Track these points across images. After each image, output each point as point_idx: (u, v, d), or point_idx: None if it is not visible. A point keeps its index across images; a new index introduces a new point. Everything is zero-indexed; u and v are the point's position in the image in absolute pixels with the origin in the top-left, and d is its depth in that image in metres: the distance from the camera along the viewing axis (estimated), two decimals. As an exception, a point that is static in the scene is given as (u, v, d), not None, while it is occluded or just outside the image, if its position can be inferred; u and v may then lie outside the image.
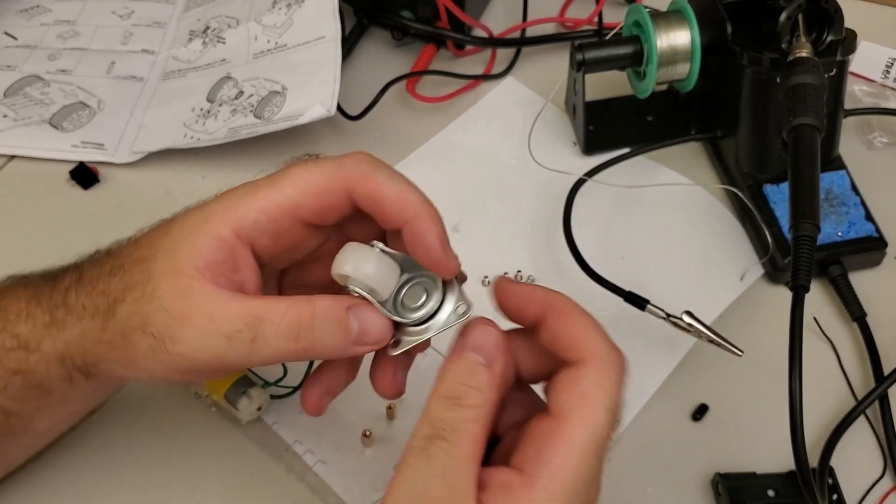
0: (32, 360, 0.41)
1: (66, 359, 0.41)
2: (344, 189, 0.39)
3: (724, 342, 0.51)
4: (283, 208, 0.39)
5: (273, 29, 0.71)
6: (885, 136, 0.67)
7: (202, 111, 0.69)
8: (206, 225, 0.38)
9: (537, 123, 0.66)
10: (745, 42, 0.59)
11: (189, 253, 0.38)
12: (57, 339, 0.40)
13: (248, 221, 0.38)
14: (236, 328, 0.37)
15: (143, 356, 0.38)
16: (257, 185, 0.39)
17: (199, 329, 0.37)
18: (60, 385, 0.42)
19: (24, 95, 0.71)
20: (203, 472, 0.50)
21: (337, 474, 0.50)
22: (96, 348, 0.40)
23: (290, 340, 0.37)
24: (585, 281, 0.56)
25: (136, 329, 0.38)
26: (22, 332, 0.41)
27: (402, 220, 0.38)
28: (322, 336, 0.37)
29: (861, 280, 0.58)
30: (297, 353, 0.38)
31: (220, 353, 0.37)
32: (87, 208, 0.65)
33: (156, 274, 0.38)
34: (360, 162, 0.39)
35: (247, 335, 0.37)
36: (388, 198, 0.38)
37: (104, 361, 0.40)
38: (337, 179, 0.39)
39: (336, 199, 0.39)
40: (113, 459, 0.50)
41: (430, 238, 0.38)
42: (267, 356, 0.38)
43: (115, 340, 0.39)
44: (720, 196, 0.64)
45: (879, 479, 0.51)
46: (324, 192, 0.39)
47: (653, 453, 0.52)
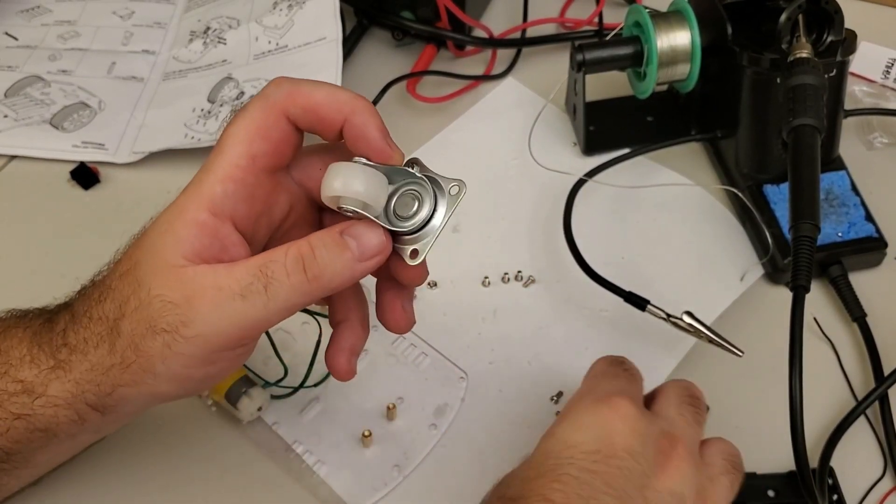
0: (38, 405, 0.40)
1: (78, 399, 0.40)
2: (281, 115, 0.39)
3: (725, 342, 0.51)
4: (241, 166, 0.38)
5: (274, 30, 0.71)
6: (885, 137, 0.67)
7: (203, 112, 0.69)
8: (181, 216, 0.38)
9: (537, 124, 0.66)
10: (745, 42, 0.59)
11: (173, 246, 0.38)
12: (65, 381, 0.40)
13: (217, 195, 0.38)
14: (246, 282, 0.37)
15: (159, 358, 0.38)
16: (209, 159, 0.39)
17: (210, 302, 0.37)
18: (68, 427, 0.41)
19: (24, 96, 0.71)
20: (203, 472, 0.51)
21: (337, 474, 0.50)
22: (108, 376, 0.39)
23: (300, 273, 0.37)
24: (586, 281, 0.56)
25: (144, 335, 0.38)
26: (26, 377, 0.40)
27: (340, 119, 0.39)
28: (326, 262, 0.37)
29: (861, 280, 0.58)
30: (310, 286, 0.37)
31: (238, 317, 0.37)
32: (87, 208, 0.65)
33: (144, 277, 0.38)
34: (280, 84, 0.39)
35: (259, 285, 0.37)
36: (319, 102, 0.38)
37: (120, 388, 0.39)
38: (271, 111, 0.39)
39: (280, 132, 0.39)
40: (113, 459, 0.50)
41: (369, 129, 0.39)
42: (283, 299, 0.37)
43: (127, 357, 0.38)
44: (720, 196, 0.64)
45: (879, 479, 0.51)
46: (265, 129, 0.39)
47: (653, 453, 0.52)
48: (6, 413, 0.41)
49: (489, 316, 0.58)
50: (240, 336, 0.38)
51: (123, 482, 0.50)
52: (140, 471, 0.50)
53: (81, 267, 0.60)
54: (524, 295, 0.59)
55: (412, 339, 0.56)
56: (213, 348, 0.38)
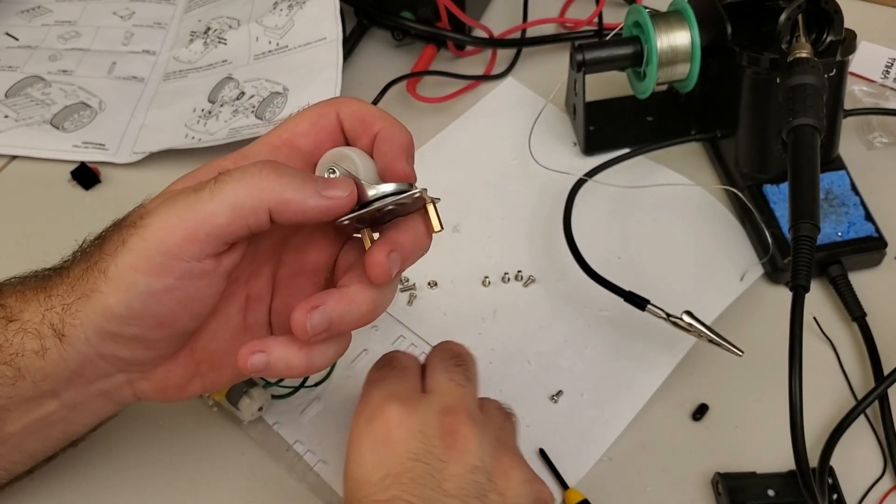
0: (10, 331, 0.40)
1: (45, 319, 0.39)
2: (333, 111, 0.43)
3: (724, 342, 0.51)
4: (282, 137, 0.42)
5: (274, 30, 0.71)
6: (884, 137, 0.67)
7: (203, 112, 0.69)
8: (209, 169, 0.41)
9: (537, 124, 0.66)
10: (744, 42, 0.59)
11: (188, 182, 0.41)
12: (42, 301, 0.40)
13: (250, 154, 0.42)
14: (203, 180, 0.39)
15: (112, 256, 0.38)
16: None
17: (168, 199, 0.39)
18: (32, 361, 0.40)
19: (25, 96, 0.71)
20: (204, 471, 0.51)
21: (337, 474, 0.50)
22: (75, 289, 0.39)
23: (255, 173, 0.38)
24: (586, 281, 0.56)
25: (112, 233, 0.39)
26: (8, 302, 0.41)
27: (377, 127, 0.42)
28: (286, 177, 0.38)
29: (861, 280, 0.58)
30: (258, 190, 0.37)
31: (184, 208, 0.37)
32: (88, 208, 0.65)
33: (151, 203, 0.40)
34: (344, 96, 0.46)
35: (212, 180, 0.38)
36: (369, 111, 0.42)
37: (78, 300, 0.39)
38: (327, 105, 0.43)
39: (326, 120, 0.42)
40: (114, 459, 0.51)
41: (397, 139, 0.41)
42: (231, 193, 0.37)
43: (92, 259, 0.39)
44: (720, 196, 0.64)
45: (879, 478, 0.51)
46: (316, 116, 0.43)
47: (653, 453, 0.52)
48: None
49: (489, 316, 0.58)
50: (185, 232, 0.37)
51: (124, 482, 0.50)
52: (141, 471, 0.50)
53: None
54: (524, 295, 0.59)
55: (412, 339, 0.56)
56: (159, 247, 0.37)
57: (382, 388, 0.44)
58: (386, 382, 0.44)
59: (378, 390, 0.43)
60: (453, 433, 0.41)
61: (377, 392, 0.43)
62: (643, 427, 0.53)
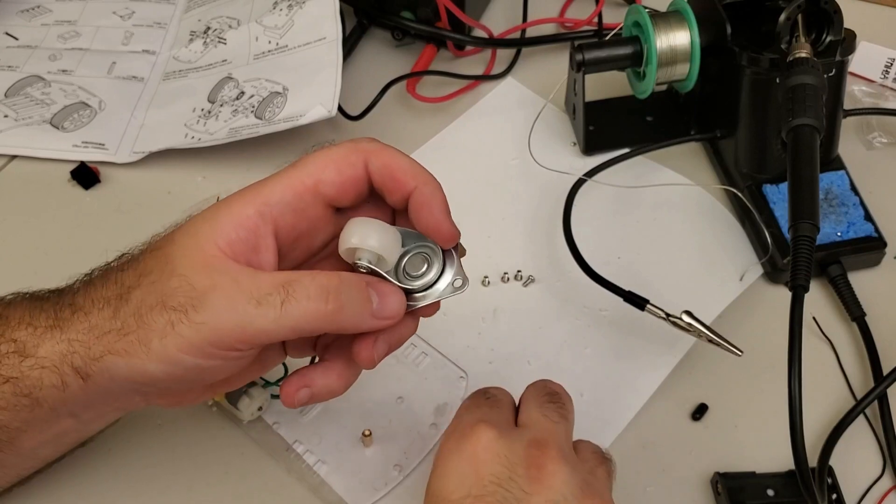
0: (26, 366, 0.40)
1: (65, 361, 0.40)
2: (361, 160, 0.41)
3: (724, 342, 0.51)
4: (306, 183, 0.40)
5: (274, 30, 0.71)
6: (884, 137, 0.68)
7: (203, 111, 0.69)
8: (228, 207, 0.40)
9: (537, 123, 0.66)
10: (744, 42, 0.59)
11: (210, 232, 0.39)
12: (58, 340, 0.40)
13: (273, 198, 0.40)
14: (266, 291, 0.38)
15: (158, 334, 0.38)
16: (280, 171, 0.41)
17: (225, 295, 0.37)
18: (52, 393, 0.41)
19: (25, 95, 0.71)
20: (204, 471, 0.51)
21: (337, 474, 0.50)
22: (102, 341, 0.39)
23: (320, 301, 0.38)
24: (585, 281, 0.56)
25: (153, 307, 0.38)
26: (20, 336, 0.41)
27: (412, 186, 0.41)
28: (346, 303, 0.39)
29: (860, 280, 0.58)
30: (325, 315, 0.38)
31: (246, 320, 0.37)
32: (88, 208, 0.65)
33: (174, 256, 0.39)
34: (372, 140, 0.42)
35: (277, 298, 0.37)
36: (400, 165, 0.41)
37: (108, 355, 0.39)
38: (355, 153, 0.41)
39: (354, 171, 0.41)
40: (114, 459, 0.51)
41: (435, 201, 0.41)
42: (296, 319, 0.38)
43: (128, 325, 0.38)
44: (720, 196, 0.64)
45: (879, 478, 0.51)
46: (343, 164, 0.41)
47: (652, 453, 0.52)
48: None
49: (489, 316, 0.58)
50: (241, 339, 0.38)
51: (124, 482, 0.50)
52: (141, 471, 0.50)
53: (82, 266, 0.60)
54: (524, 295, 0.59)
55: (412, 339, 0.56)
56: (213, 341, 0.38)
57: (476, 412, 0.44)
58: (480, 409, 0.44)
59: (471, 414, 0.44)
60: (539, 466, 0.40)
61: (469, 416, 0.43)
62: (643, 427, 0.53)
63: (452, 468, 0.41)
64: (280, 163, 0.67)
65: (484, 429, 0.41)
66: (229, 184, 0.63)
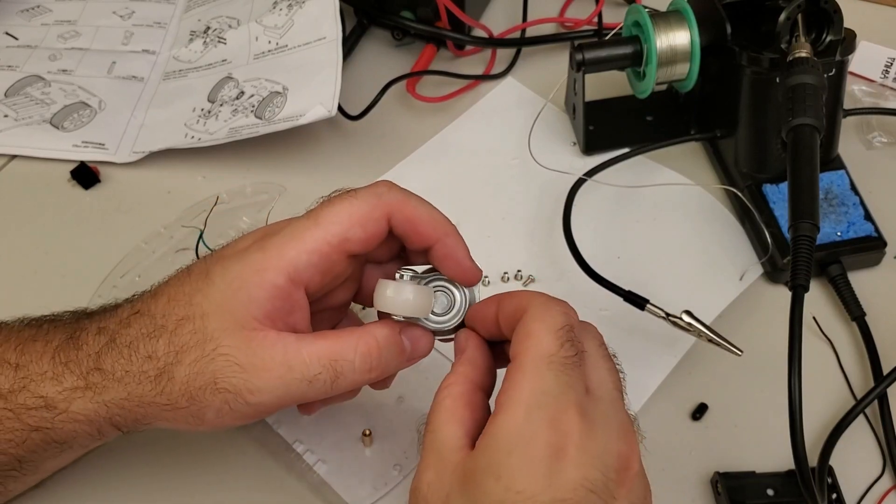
0: (58, 420, 0.41)
1: (102, 419, 0.41)
2: (385, 215, 0.41)
3: (724, 342, 0.51)
4: (332, 245, 0.40)
5: (274, 29, 0.71)
6: (884, 136, 0.68)
7: (203, 111, 0.69)
8: (258, 275, 0.40)
9: (537, 123, 0.66)
10: (744, 42, 0.59)
11: (245, 306, 0.39)
12: (93, 401, 0.41)
13: (301, 265, 0.40)
14: (315, 371, 0.39)
15: (215, 412, 0.40)
16: (300, 225, 0.41)
17: (279, 378, 0.39)
18: (86, 440, 0.43)
19: (25, 95, 0.71)
20: (204, 471, 0.51)
21: (337, 473, 0.50)
22: (146, 409, 0.41)
23: (365, 372, 0.41)
24: (585, 280, 0.56)
25: (204, 388, 0.39)
26: (48, 393, 0.41)
27: (434, 239, 0.42)
28: (387, 362, 0.41)
29: (860, 280, 0.58)
30: (368, 381, 0.42)
31: (300, 395, 0.40)
32: (88, 208, 0.65)
33: (213, 332, 0.39)
34: (392, 189, 0.42)
35: (327, 376, 0.40)
36: (422, 218, 0.42)
37: (158, 420, 0.41)
38: (378, 208, 0.41)
39: (378, 226, 0.41)
40: (114, 459, 0.50)
41: (460, 253, 0.43)
42: (345, 388, 0.41)
43: (178, 402, 0.40)
44: (720, 196, 0.64)
45: (878, 478, 0.51)
46: (367, 221, 0.41)
47: (652, 452, 0.52)
48: (24, 425, 0.41)
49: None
50: (291, 405, 0.41)
51: (124, 482, 0.50)
52: (141, 471, 0.50)
53: (82, 266, 0.60)
54: (524, 294, 0.59)
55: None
56: (266, 412, 0.41)
57: (563, 378, 0.36)
58: (566, 372, 0.36)
59: (558, 380, 0.36)
60: (627, 469, 0.36)
61: (557, 382, 0.36)
62: (642, 426, 0.52)
63: (537, 457, 0.34)
64: (280, 162, 0.67)
65: (575, 419, 0.35)
66: (229, 183, 0.64)
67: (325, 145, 0.68)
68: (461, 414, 0.38)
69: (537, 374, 0.36)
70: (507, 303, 0.41)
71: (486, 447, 0.36)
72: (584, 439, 0.35)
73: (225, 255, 0.41)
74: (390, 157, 0.67)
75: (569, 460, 0.35)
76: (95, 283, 0.58)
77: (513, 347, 0.38)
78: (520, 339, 0.38)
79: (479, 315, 0.43)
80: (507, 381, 0.37)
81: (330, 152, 0.68)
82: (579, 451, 0.35)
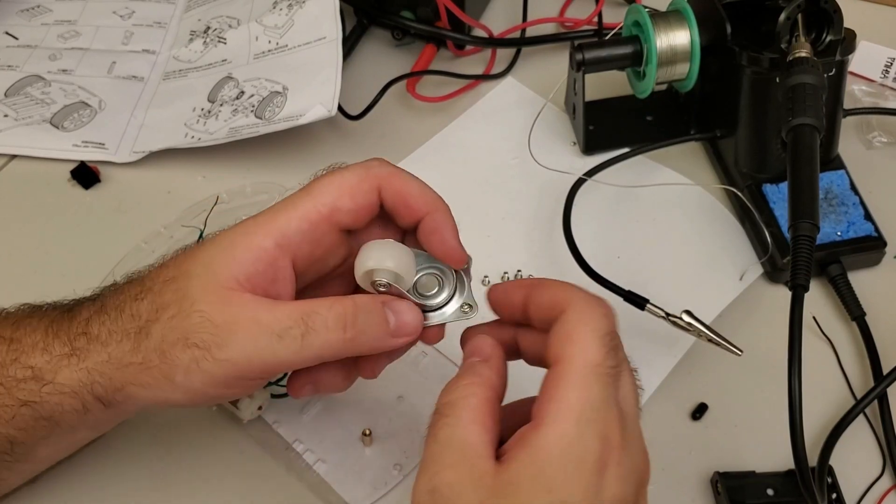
0: (45, 392, 0.41)
1: (85, 388, 0.41)
2: (374, 187, 0.41)
3: (724, 341, 0.51)
4: (322, 213, 0.40)
5: (274, 29, 0.71)
6: (884, 136, 0.68)
7: (203, 111, 0.69)
8: (246, 238, 0.40)
9: (537, 123, 0.66)
10: (744, 42, 0.59)
11: (228, 265, 0.39)
12: (77, 368, 0.41)
13: (290, 230, 0.40)
14: (286, 325, 0.38)
15: (183, 370, 0.39)
16: (292, 197, 0.41)
17: (247, 332, 0.38)
18: (71, 416, 0.42)
19: (25, 95, 0.71)
20: (204, 470, 0.51)
21: (337, 473, 0.50)
22: (123, 372, 0.40)
23: (339, 331, 0.39)
24: (585, 280, 0.56)
25: (175, 343, 0.39)
26: (37, 363, 0.41)
27: (424, 211, 0.42)
28: (364, 326, 0.40)
29: (860, 279, 0.58)
30: (343, 343, 0.40)
31: (269, 353, 0.39)
32: (88, 208, 0.65)
33: (192, 289, 0.39)
34: (383, 163, 0.42)
35: (297, 331, 0.38)
36: (412, 191, 0.42)
37: (131, 385, 0.40)
38: (367, 179, 0.41)
39: (368, 198, 0.41)
40: (114, 458, 0.51)
41: (447, 227, 0.42)
42: (316, 350, 0.39)
43: (150, 359, 0.39)
44: (719, 196, 0.64)
45: (878, 477, 0.51)
46: (357, 191, 0.41)
47: (652, 452, 0.51)
48: (13, 399, 0.41)
49: (489, 316, 0.58)
50: (264, 369, 0.40)
51: (124, 481, 0.50)
52: (141, 470, 0.50)
53: (82, 266, 0.60)
54: (524, 294, 0.59)
55: (412, 339, 0.56)
56: (237, 374, 0.39)
57: (608, 391, 0.36)
58: (611, 384, 0.36)
59: (604, 392, 0.36)
60: (644, 485, 0.37)
61: (603, 395, 0.36)
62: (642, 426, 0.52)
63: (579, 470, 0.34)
64: (279, 162, 0.67)
65: (618, 435, 0.35)
66: (229, 183, 0.64)
67: (325, 145, 0.68)
68: (485, 419, 0.37)
69: (585, 385, 0.35)
70: (541, 292, 0.40)
71: (533, 459, 0.34)
72: (622, 454, 0.35)
73: (223, 229, 0.42)
74: (390, 156, 0.66)
75: (610, 475, 0.35)
76: (95, 283, 0.57)
77: (552, 348, 0.37)
78: (562, 340, 0.37)
79: (503, 298, 0.42)
80: (551, 388, 0.36)
81: (330, 152, 0.68)
82: (618, 465, 0.35)
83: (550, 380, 0.36)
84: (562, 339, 0.37)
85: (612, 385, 0.36)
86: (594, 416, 0.35)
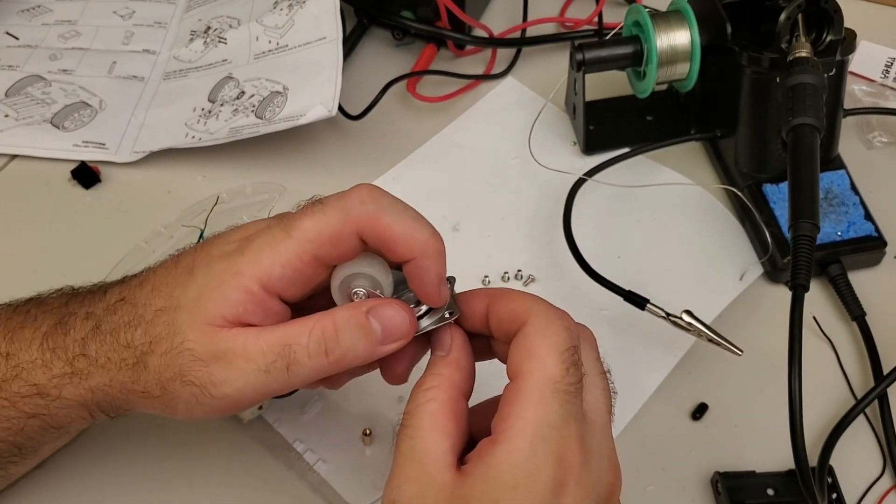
0: (53, 406, 0.42)
1: (91, 403, 0.42)
2: (354, 233, 0.39)
3: (724, 341, 0.51)
4: (304, 259, 0.39)
5: (274, 29, 0.71)
6: (884, 136, 0.68)
7: (203, 111, 0.69)
8: (235, 278, 0.39)
9: (537, 123, 0.66)
10: (744, 42, 0.59)
11: (218, 304, 0.39)
12: (81, 387, 0.41)
13: (274, 276, 0.39)
14: (270, 360, 0.39)
15: (184, 403, 0.40)
16: (274, 235, 0.40)
17: (237, 370, 0.39)
18: (80, 423, 0.44)
19: (25, 95, 0.71)
20: (204, 470, 0.51)
21: (337, 472, 0.50)
22: (128, 397, 0.41)
23: (321, 356, 0.39)
24: (585, 280, 0.56)
25: (173, 380, 0.39)
26: (39, 380, 0.42)
27: (407, 257, 0.39)
28: (349, 344, 0.39)
29: (860, 279, 0.58)
30: (330, 366, 0.39)
31: (260, 387, 0.39)
32: (88, 208, 0.65)
33: (182, 325, 0.39)
34: (364, 202, 0.39)
35: (281, 364, 0.39)
36: (396, 237, 0.39)
37: (138, 407, 0.42)
38: (347, 226, 0.39)
39: (349, 244, 0.39)
40: (114, 457, 0.51)
41: (429, 277, 0.40)
42: (305, 377, 0.39)
43: (152, 390, 0.40)
44: (720, 196, 0.64)
45: (879, 477, 0.51)
46: (337, 239, 0.39)
47: (652, 452, 0.52)
48: (20, 413, 0.42)
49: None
50: (260, 398, 0.41)
51: (124, 480, 0.50)
52: (141, 469, 0.50)
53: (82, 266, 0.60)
54: (524, 294, 0.59)
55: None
56: (235, 406, 0.41)
57: (567, 407, 0.36)
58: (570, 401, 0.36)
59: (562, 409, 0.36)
60: (611, 497, 0.38)
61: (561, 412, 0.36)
62: (642, 426, 0.53)
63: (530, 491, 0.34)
64: (279, 162, 0.67)
65: (577, 452, 0.35)
66: (229, 183, 0.64)
67: (325, 145, 0.68)
68: (446, 425, 0.37)
69: (542, 403, 0.35)
70: (501, 304, 0.39)
71: (485, 476, 0.35)
72: (582, 471, 0.35)
73: (212, 254, 0.41)
74: (390, 156, 0.67)
75: (568, 494, 0.35)
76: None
77: (512, 363, 0.37)
78: (521, 355, 0.37)
79: (464, 307, 0.41)
80: (509, 404, 0.36)
81: (330, 152, 0.68)
82: (577, 484, 0.35)
83: (509, 395, 0.36)
84: (521, 354, 0.37)
85: (572, 402, 0.36)
86: (550, 433, 0.35)
